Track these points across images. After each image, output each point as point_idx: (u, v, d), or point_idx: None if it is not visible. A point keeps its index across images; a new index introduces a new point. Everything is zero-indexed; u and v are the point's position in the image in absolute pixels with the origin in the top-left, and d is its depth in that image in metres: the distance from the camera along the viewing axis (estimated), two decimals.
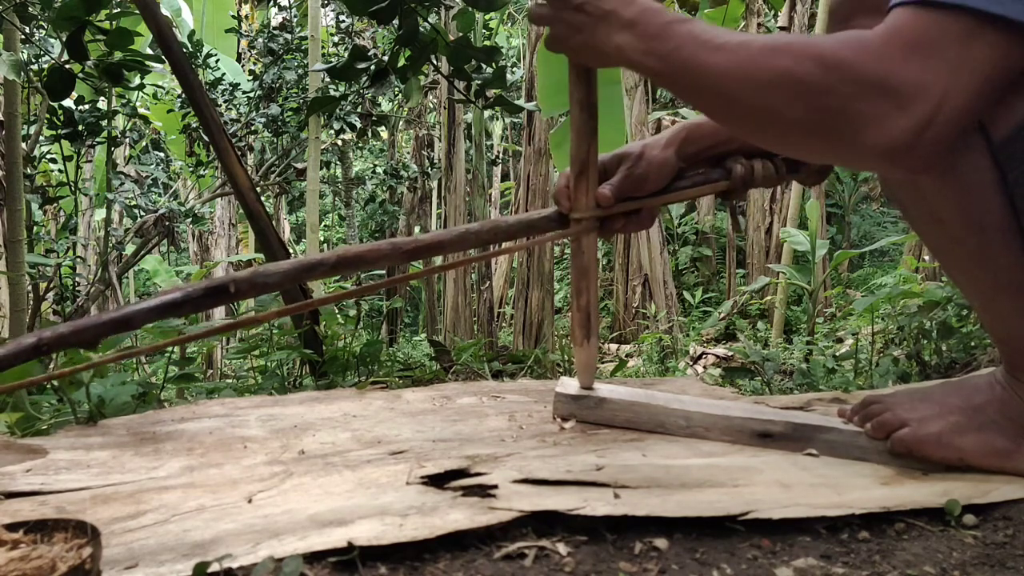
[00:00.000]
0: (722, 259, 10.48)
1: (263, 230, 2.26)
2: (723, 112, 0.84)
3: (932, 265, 5.72)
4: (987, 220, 0.85)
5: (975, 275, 0.90)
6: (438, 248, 0.94)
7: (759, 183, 1.03)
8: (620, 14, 0.85)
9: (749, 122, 0.82)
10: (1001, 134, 0.81)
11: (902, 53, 0.72)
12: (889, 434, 0.94)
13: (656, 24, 0.83)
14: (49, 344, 0.72)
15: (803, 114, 0.76)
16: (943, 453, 0.91)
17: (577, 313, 1.07)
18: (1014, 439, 0.90)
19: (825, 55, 0.75)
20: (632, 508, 0.77)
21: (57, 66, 2.55)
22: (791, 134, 0.80)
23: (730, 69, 0.78)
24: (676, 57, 0.81)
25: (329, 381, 2.05)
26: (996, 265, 0.86)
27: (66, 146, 4.44)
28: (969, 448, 0.90)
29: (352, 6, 2.34)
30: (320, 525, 0.73)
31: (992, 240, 0.85)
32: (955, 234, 0.88)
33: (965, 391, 0.95)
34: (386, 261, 0.91)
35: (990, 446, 0.90)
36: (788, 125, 0.78)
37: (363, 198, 11.60)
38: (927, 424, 0.92)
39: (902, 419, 0.94)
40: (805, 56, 0.75)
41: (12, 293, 3.11)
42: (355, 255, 0.89)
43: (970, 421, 0.91)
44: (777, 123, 0.79)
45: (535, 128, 6.76)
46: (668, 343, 6.35)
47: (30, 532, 0.66)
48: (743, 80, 0.78)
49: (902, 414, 0.94)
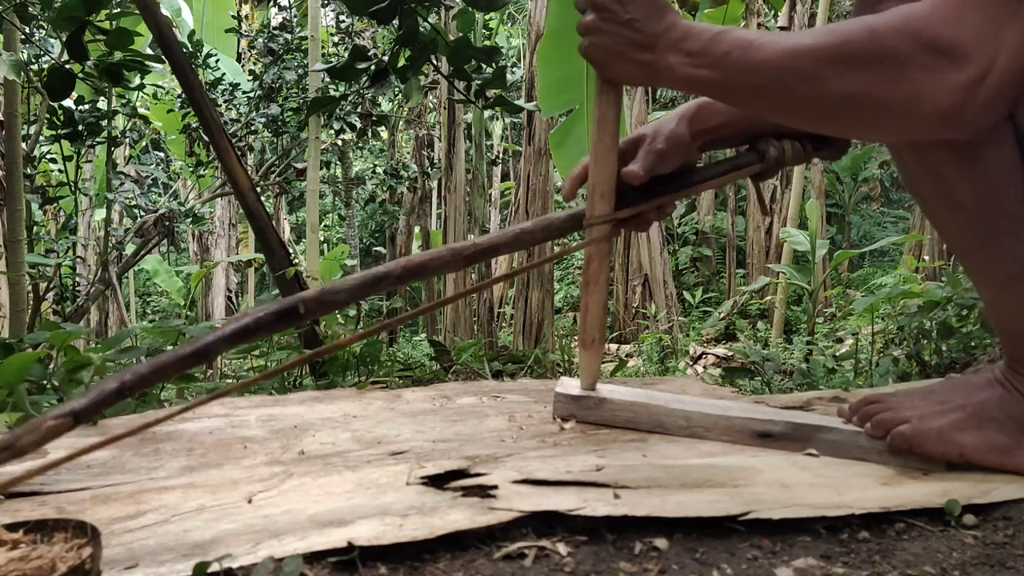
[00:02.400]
0: (722, 259, 10.48)
1: (263, 230, 2.26)
2: (780, 102, 0.85)
3: (932, 265, 5.72)
4: (1007, 208, 0.86)
5: (989, 264, 0.91)
6: (494, 251, 0.96)
7: (789, 163, 1.04)
8: (670, 34, 0.87)
9: (805, 107, 0.84)
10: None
11: (953, 13, 0.75)
12: (888, 431, 0.93)
13: (704, 38, 0.86)
14: (131, 386, 0.72)
15: (858, 87, 0.78)
16: (943, 449, 0.91)
17: (585, 318, 1.08)
18: (1015, 436, 0.90)
19: (878, 26, 0.77)
20: (632, 508, 0.77)
21: (57, 66, 2.56)
22: (849, 110, 0.82)
23: (785, 59, 0.81)
24: (729, 61, 0.84)
25: (329, 381, 2.05)
26: (1012, 254, 0.87)
27: (66, 146, 4.44)
28: (970, 444, 0.90)
29: (352, 6, 2.34)
30: (320, 525, 0.73)
31: (1009, 229, 0.87)
32: (973, 221, 0.89)
33: (966, 388, 0.95)
34: (448, 268, 0.93)
35: (991, 442, 0.90)
36: (844, 101, 0.80)
37: (363, 198, 11.60)
38: (927, 421, 0.92)
39: (902, 416, 0.93)
40: (858, 31, 0.78)
41: (12, 293, 3.11)
42: (419, 264, 0.90)
43: (970, 418, 0.91)
44: (833, 101, 0.81)
45: (535, 128, 6.76)
46: (668, 343, 6.35)
47: (30, 532, 0.66)
48: (801, 68, 0.80)
49: (902, 412, 0.94)
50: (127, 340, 2.15)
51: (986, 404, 0.91)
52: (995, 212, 0.87)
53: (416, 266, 0.90)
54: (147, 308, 14.06)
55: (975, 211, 0.88)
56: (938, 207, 0.93)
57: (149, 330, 1.83)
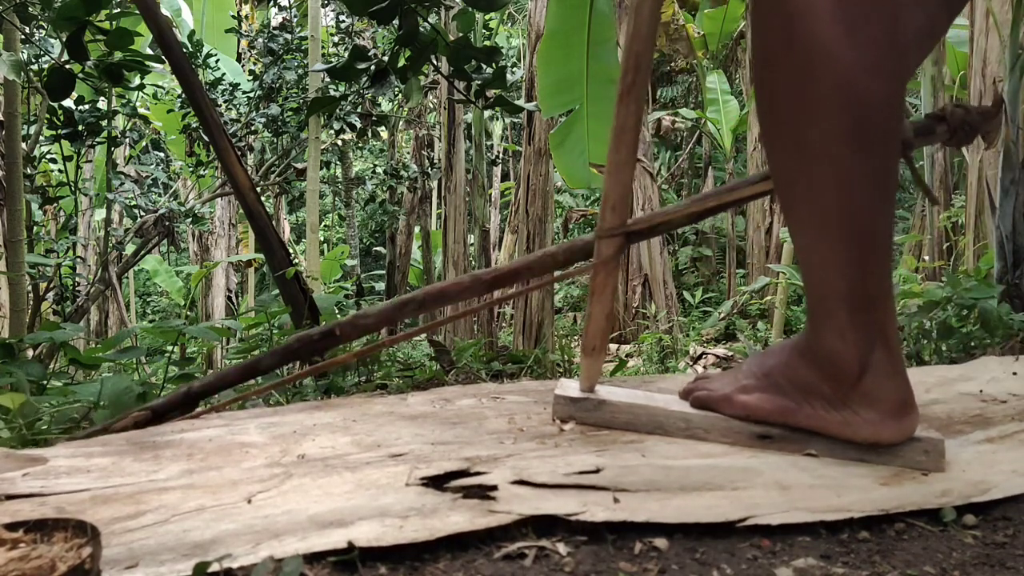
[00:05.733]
0: (722, 259, 10.48)
1: (263, 230, 2.26)
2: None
3: (932, 265, 5.72)
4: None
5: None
6: (514, 276, 0.98)
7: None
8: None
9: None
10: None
11: None
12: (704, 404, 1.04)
13: None
14: (198, 392, 0.94)
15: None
16: (732, 410, 1.01)
17: (589, 325, 1.08)
18: (796, 399, 0.97)
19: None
20: (631, 513, 0.77)
21: (57, 66, 2.56)
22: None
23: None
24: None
25: (329, 382, 2.05)
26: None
27: (66, 146, 4.44)
28: (752, 405, 0.99)
29: (352, 6, 2.34)
30: (320, 526, 0.73)
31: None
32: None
33: (761, 358, 1.04)
34: (468, 294, 0.97)
35: (772, 404, 0.98)
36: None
37: (363, 198, 11.60)
38: (724, 388, 1.03)
39: (710, 388, 1.05)
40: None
41: (12, 293, 3.11)
42: (439, 291, 1.01)
43: (758, 383, 1.00)
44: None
45: (535, 128, 6.76)
46: (668, 343, 6.35)
47: (30, 532, 0.66)
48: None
49: (712, 385, 1.06)
50: (127, 340, 2.15)
51: (773, 371, 1.00)
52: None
53: (436, 292, 0.98)
54: (147, 308, 14.07)
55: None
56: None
57: (149, 330, 1.84)
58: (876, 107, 0.85)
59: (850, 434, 0.94)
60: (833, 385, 0.93)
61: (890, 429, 0.92)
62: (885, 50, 0.84)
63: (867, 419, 0.92)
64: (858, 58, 0.83)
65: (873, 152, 0.86)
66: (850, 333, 0.91)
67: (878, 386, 0.92)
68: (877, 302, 0.91)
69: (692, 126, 11.35)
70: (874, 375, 0.91)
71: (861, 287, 0.90)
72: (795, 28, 0.84)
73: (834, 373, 0.93)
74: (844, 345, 0.91)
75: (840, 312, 0.91)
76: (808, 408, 0.96)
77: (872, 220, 0.89)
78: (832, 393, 0.94)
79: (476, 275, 0.96)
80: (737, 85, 10.70)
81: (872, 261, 0.90)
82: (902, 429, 0.93)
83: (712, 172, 10.82)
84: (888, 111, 0.86)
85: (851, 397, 0.93)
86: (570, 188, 7.39)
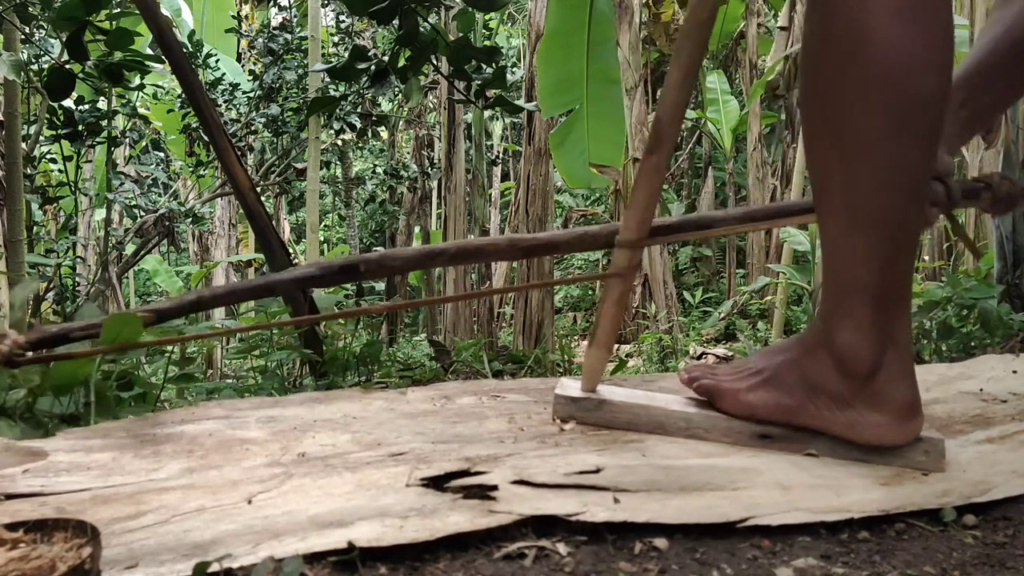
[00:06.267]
0: (722, 259, 10.47)
1: (263, 230, 2.26)
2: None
3: (932, 265, 5.72)
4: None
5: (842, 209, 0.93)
6: (552, 247, 0.97)
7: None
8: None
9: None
10: None
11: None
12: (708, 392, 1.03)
13: None
14: (207, 301, 0.90)
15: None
16: (736, 409, 1.00)
17: (599, 321, 1.08)
18: (798, 398, 0.96)
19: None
20: (631, 514, 0.77)
21: (57, 66, 2.56)
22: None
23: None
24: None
25: (329, 381, 2.05)
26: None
27: (66, 146, 4.44)
28: (757, 404, 0.98)
29: (352, 6, 2.34)
30: (320, 526, 0.73)
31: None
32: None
33: (768, 354, 1.02)
34: (501, 256, 0.96)
35: (776, 403, 0.97)
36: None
37: (363, 198, 11.60)
38: (730, 383, 1.01)
39: (717, 377, 1.04)
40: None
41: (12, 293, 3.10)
42: (475, 247, 0.98)
43: (764, 381, 0.99)
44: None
45: (535, 128, 6.75)
46: (668, 343, 6.35)
47: (30, 532, 0.66)
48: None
49: (718, 373, 1.04)
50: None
51: (779, 368, 0.98)
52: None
53: (472, 248, 0.97)
54: None
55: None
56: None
57: (149, 330, 1.83)
58: (926, 102, 0.83)
59: (854, 436, 0.93)
60: (843, 381, 0.92)
61: (895, 432, 0.91)
62: (940, 43, 0.82)
63: (873, 421, 0.91)
64: (913, 52, 0.81)
65: (917, 146, 0.84)
66: (869, 329, 0.89)
67: (888, 386, 0.90)
68: (898, 301, 0.90)
69: (692, 126, 11.35)
70: (886, 375, 0.90)
71: (888, 283, 0.88)
72: (851, 18, 0.83)
73: (846, 368, 0.91)
74: (861, 340, 0.90)
75: (862, 307, 0.89)
76: (813, 408, 0.95)
77: (905, 217, 0.87)
78: (841, 390, 0.92)
79: (513, 239, 0.96)
80: (737, 85, 10.69)
81: (901, 259, 0.89)
82: (907, 432, 0.92)
83: (712, 172, 10.82)
84: (937, 107, 0.84)
85: (859, 396, 0.92)
86: (570, 188, 7.39)
